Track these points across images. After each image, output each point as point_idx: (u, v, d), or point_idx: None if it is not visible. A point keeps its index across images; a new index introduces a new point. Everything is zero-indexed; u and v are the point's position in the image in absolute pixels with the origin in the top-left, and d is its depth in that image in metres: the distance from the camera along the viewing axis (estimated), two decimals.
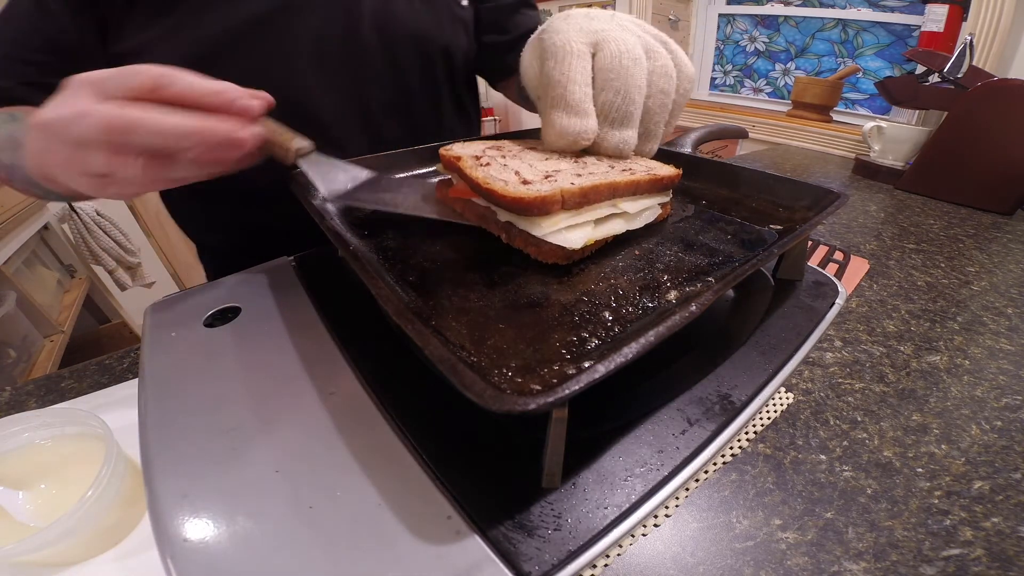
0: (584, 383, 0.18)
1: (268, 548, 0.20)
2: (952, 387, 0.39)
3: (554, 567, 0.19)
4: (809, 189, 0.37)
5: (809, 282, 0.38)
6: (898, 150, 0.91)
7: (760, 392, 0.28)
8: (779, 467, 0.32)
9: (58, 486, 0.30)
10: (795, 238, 0.31)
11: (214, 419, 0.26)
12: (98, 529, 0.27)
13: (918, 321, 0.48)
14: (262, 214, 0.51)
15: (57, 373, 0.44)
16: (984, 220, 0.74)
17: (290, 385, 0.28)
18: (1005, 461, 0.32)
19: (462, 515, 0.21)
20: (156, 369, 0.30)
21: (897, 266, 0.59)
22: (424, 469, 0.23)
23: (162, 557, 0.19)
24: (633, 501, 0.22)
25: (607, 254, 0.32)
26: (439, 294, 0.27)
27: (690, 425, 0.26)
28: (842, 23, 1.36)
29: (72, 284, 1.49)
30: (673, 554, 0.27)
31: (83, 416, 0.30)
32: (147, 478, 0.23)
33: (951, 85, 0.81)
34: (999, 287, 0.54)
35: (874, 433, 0.34)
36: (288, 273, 0.39)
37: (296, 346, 0.31)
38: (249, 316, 0.34)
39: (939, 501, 0.29)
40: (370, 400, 0.27)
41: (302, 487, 0.22)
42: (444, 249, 0.33)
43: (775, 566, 0.26)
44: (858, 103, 1.39)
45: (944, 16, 1.00)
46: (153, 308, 0.36)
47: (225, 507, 0.21)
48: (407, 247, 0.33)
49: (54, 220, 1.44)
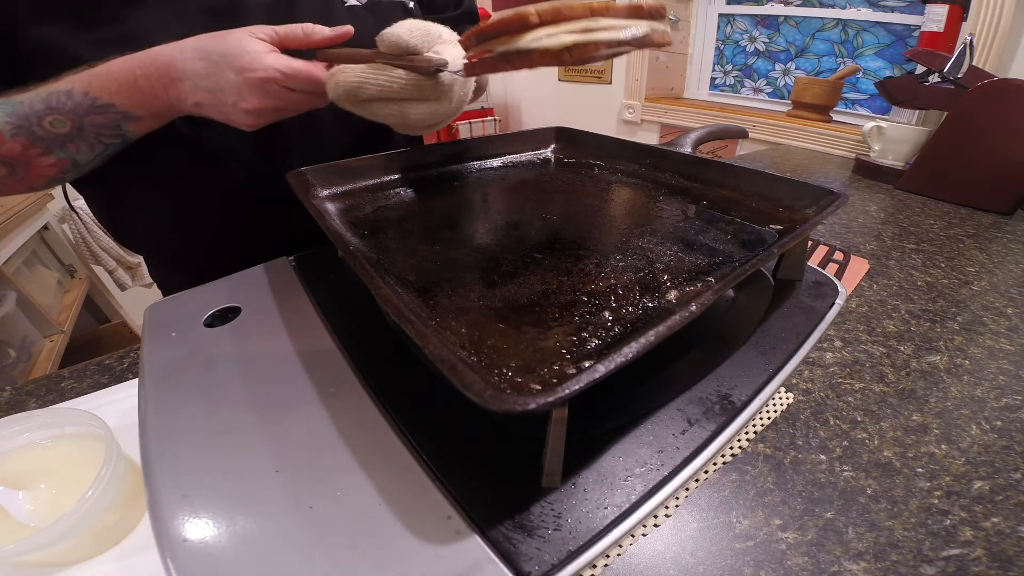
0: (584, 383, 0.18)
1: (268, 548, 0.20)
2: (952, 387, 0.39)
3: (554, 567, 0.19)
4: (809, 189, 0.37)
5: (809, 282, 0.38)
6: (898, 150, 0.91)
7: (760, 392, 0.28)
8: (779, 467, 0.32)
9: (58, 486, 0.30)
10: (795, 238, 0.31)
11: (214, 419, 0.26)
12: (98, 529, 0.27)
13: (918, 321, 0.48)
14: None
15: (57, 373, 0.44)
16: (984, 220, 0.74)
17: (290, 385, 0.28)
18: (1005, 461, 0.32)
19: (462, 515, 0.21)
20: (156, 369, 0.30)
21: (897, 266, 0.59)
22: (424, 469, 0.23)
23: (162, 557, 0.19)
24: (633, 501, 0.22)
25: (606, 254, 0.31)
26: (439, 294, 0.27)
27: (690, 425, 0.26)
28: (842, 23, 1.36)
29: (72, 284, 1.49)
30: (673, 554, 0.26)
31: (83, 416, 0.30)
32: (147, 478, 0.23)
33: (951, 85, 0.81)
34: (999, 287, 0.54)
35: (874, 433, 0.34)
36: (288, 273, 0.39)
37: (296, 346, 0.31)
38: (249, 316, 0.34)
39: (939, 501, 0.29)
40: (370, 400, 0.27)
41: (302, 487, 0.22)
42: (444, 249, 0.33)
43: (775, 566, 0.26)
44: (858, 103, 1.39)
45: (944, 16, 1.00)
46: (153, 308, 0.36)
47: (225, 507, 0.21)
48: (407, 247, 0.33)
49: (54, 220, 1.44)
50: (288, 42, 0.37)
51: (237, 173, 0.47)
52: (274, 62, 0.35)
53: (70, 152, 0.39)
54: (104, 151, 0.40)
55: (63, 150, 0.38)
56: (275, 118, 0.38)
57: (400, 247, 0.33)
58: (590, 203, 0.44)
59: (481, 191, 0.47)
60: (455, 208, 0.43)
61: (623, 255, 0.31)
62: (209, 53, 0.35)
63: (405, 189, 0.45)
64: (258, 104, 0.36)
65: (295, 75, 0.35)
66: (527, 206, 0.44)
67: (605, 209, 0.43)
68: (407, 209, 0.42)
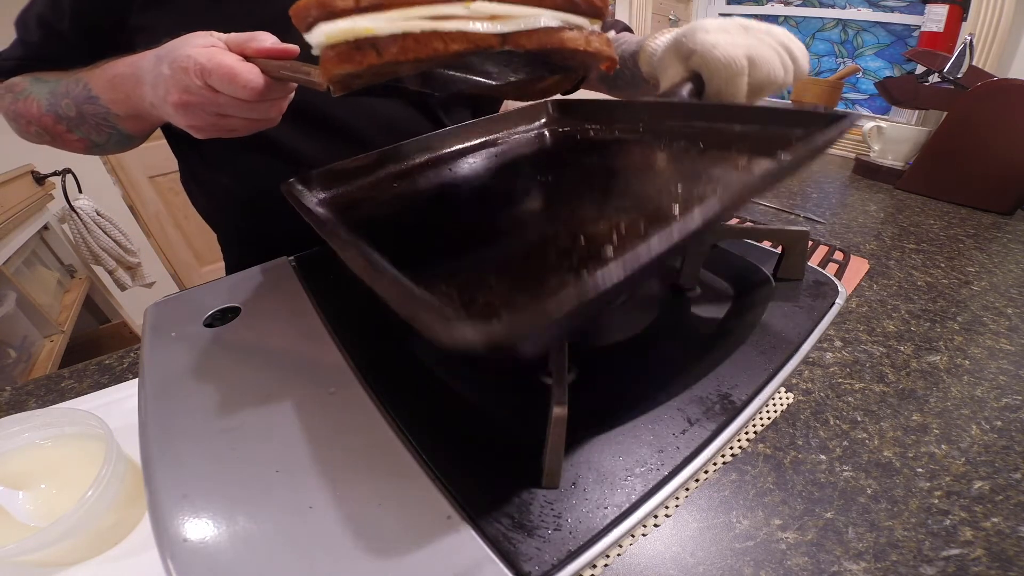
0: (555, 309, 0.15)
1: (268, 548, 0.20)
2: (952, 387, 0.39)
3: (554, 567, 0.19)
4: (816, 116, 0.33)
5: (809, 282, 0.38)
6: (898, 150, 0.91)
7: (760, 392, 0.28)
8: (779, 467, 0.32)
9: (58, 486, 0.30)
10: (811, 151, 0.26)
11: (214, 419, 0.26)
12: (98, 529, 0.27)
13: (918, 321, 0.48)
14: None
15: (57, 373, 0.44)
16: (984, 220, 0.74)
17: (290, 385, 0.28)
18: (1005, 461, 0.32)
19: (462, 515, 0.21)
20: (156, 369, 0.30)
21: (897, 266, 0.59)
22: (424, 469, 0.23)
23: (162, 557, 0.19)
24: (633, 501, 0.22)
25: (606, 200, 0.29)
26: (428, 263, 0.25)
27: (690, 425, 0.26)
28: (842, 23, 1.36)
29: (72, 284, 1.49)
30: (673, 554, 0.26)
31: (83, 416, 0.30)
32: (147, 478, 0.23)
33: (951, 85, 0.81)
34: (999, 287, 0.54)
35: (874, 433, 0.34)
36: (288, 273, 0.39)
37: (296, 346, 0.31)
38: (249, 316, 0.34)
39: (939, 501, 0.29)
40: (370, 400, 0.27)
41: (302, 487, 0.22)
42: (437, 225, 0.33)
43: (775, 566, 0.26)
44: (858, 103, 1.39)
45: (944, 16, 1.00)
46: (153, 308, 0.36)
47: (225, 507, 0.21)
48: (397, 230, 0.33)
49: (54, 220, 1.44)
50: (233, 46, 0.32)
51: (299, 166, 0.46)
52: (197, 54, 0.30)
53: (85, 132, 0.42)
54: (110, 138, 0.43)
55: (79, 130, 0.42)
56: (209, 122, 0.33)
57: (390, 230, 0.32)
58: (588, 161, 0.43)
59: (475, 170, 0.47)
60: (448, 190, 0.42)
61: (624, 198, 0.29)
62: (160, 52, 0.33)
63: (399, 182, 0.45)
64: (177, 98, 0.31)
65: (213, 69, 0.30)
66: (522, 174, 0.43)
67: (604, 164, 0.42)
68: (400, 198, 0.41)
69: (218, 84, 0.30)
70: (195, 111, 0.32)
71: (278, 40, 0.31)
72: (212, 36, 0.32)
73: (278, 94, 0.32)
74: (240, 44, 0.31)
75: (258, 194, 0.47)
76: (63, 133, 0.43)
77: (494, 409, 0.28)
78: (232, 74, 0.30)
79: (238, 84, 0.30)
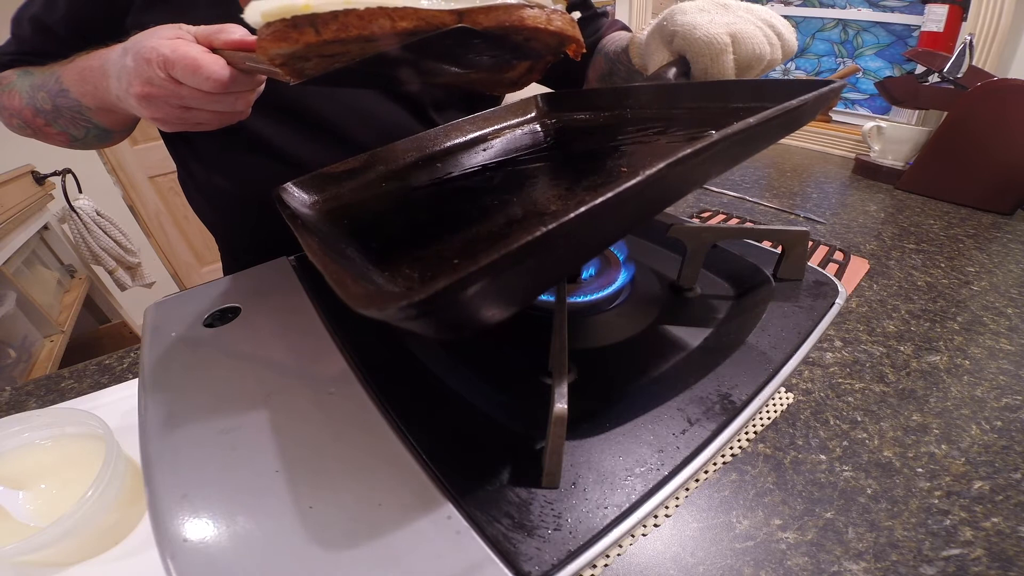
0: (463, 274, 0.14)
1: (268, 548, 0.20)
2: (952, 387, 0.39)
3: (554, 567, 0.19)
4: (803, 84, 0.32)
5: (809, 282, 0.38)
6: (898, 150, 0.91)
7: (760, 392, 0.28)
8: (779, 467, 0.32)
9: (58, 486, 0.30)
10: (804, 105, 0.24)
11: (214, 419, 0.26)
12: (98, 529, 0.27)
13: (918, 321, 0.48)
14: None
15: (57, 373, 0.44)
16: (984, 220, 0.74)
17: (290, 385, 0.28)
18: (1005, 461, 0.32)
19: (462, 515, 0.21)
20: (156, 369, 0.30)
21: (897, 266, 0.59)
22: (424, 469, 0.23)
23: (162, 557, 0.19)
24: (633, 501, 0.22)
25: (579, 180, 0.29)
26: (396, 251, 0.26)
27: (690, 425, 0.26)
28: (842, 23, 1.36)
29: (72, 284, 1.49)
30: (673, 554, 0.26)
31: (83, 416, 0.30)
32: (147, 478, 0.23)
33: (951, 85, 0.81)
34: (999, 287, 0.54)
35: (874, 433, 0.34)
36: (288, 273, 0.39)
37: (296, 346, 0.31)
38: (249, 316, 0.34)
39: (939, 501, 0.29)
40: (370, 400, 0.27)
41: (302, 487, 0.22)
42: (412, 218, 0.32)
43: (775, 566, 0.26)
44: (858, 103, 1.39)
45: (944, 16, 1.00)
46: (153, 308, 0.36)
47: (225, 507, 0.21)
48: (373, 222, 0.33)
49: (54, 220, 1.44)
50: (201, 37, 0.31)
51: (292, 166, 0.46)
52: (161, 45, 0.29)
53: (63, 126, 0.42)
54: (88, 132, 0.43)
55: (57, 124, 0.42)
56: (173, 115, 0.32)
57: (373, 226, 0.32)
58: (573, 147, 0.43)
59: (462, 166, 0.47)
60: (435, 186, 0.42)
61: (597, 175, 0.29)
62: (127, 44, 0.32)
63: (386, 183, 0.45)
64: (140, 90, 0.31)
65: (176, 61, 0.29)
66: (506, 165, 0.42)
67: (586, 151, 0.42)
68: (387, 197, 0.40)
69: (181, 76, 0.29)
70: (158, 103, 0.31)
71: (248, 32, 0.30)
72: (180, 28, 0.31)
73: (245, 87, 0.31)
74: (208, 36, 0.31)
75: (252, 195, 0.47)
76: (43, 127, 0.43)
77: (494, 409, 0.28)
78: (195, 65, 0.29)
79: (201, 76, 0.29)
